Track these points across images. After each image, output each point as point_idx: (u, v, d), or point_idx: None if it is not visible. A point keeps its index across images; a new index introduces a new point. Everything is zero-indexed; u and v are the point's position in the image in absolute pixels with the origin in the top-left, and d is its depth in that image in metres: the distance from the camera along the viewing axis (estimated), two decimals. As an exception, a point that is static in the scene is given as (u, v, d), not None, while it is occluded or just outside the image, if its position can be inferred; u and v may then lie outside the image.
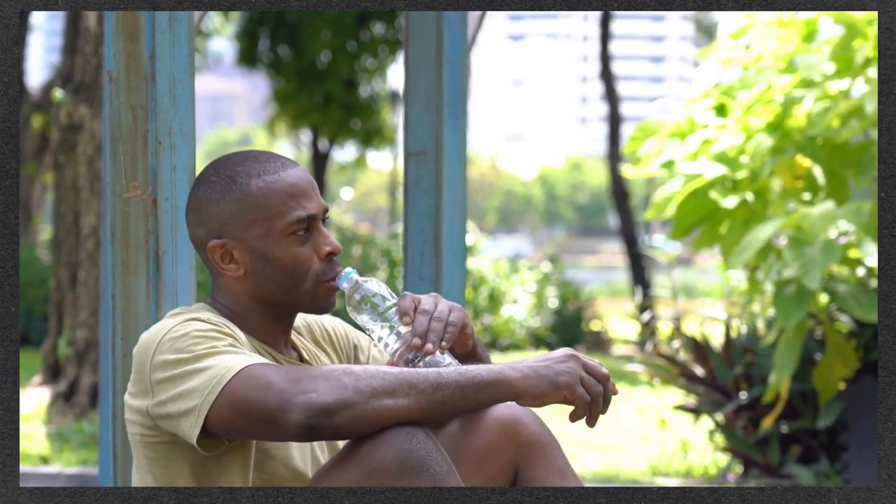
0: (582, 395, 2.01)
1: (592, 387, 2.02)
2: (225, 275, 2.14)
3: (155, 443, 2.06)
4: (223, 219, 2.11)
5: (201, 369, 1.97)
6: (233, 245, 2.11)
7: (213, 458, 2.06)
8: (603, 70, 14.34)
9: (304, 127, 17.72)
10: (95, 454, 5.92)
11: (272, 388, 1.93)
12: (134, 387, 2.06)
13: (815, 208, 4.56)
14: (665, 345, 6.33)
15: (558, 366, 2.01)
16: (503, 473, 2.22)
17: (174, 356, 1.99)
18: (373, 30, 16.46)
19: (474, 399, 1.97)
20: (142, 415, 2.04)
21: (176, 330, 2.02)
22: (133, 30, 2.45)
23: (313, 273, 2.13)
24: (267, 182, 2.11)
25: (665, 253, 7.70)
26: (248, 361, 1.97)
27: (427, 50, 3.40)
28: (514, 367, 2.00)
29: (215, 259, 2.13)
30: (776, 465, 5.30)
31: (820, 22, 4.98)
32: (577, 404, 2.01)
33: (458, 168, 3.46)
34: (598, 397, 2.03)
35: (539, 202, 62.03)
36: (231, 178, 2.11)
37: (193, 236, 2.17)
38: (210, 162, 2.18)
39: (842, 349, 4.98)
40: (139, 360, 2.04)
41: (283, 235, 2.10)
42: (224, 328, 2.06)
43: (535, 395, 1.99)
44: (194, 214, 2.15)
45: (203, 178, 2.15)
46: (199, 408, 1.96)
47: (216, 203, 2.12)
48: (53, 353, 7.57)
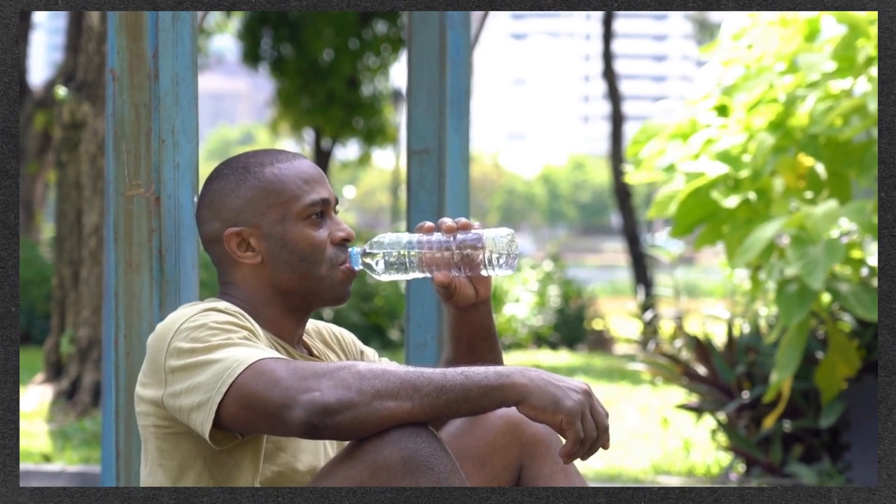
0: (578, 430, 1.94)
1: (590, 429, 1.96)
2: (241, 264, 2.16)
3: (170, 433, 2.06)
4: (239, 207, 2.15)
5: (213, 361, 1.98)
6: (249, 233, 2.15)
7: (225, 452, 2.07)
8: (605, 69, 14.34)
9: (306, 126, 17.72)
10: (98, 452, 5.92)
11: (279, 384, 1.93)
12: (146, 377, 2.06)
13: (818, 207, 4.56)
14: (667, 344, 6.34)
15: (570, 392, 1.95)
16: (507, 472, 2.22)
17: (190, 345, 2.01)
18: (375, 28, 16.47)
19: (479, 403, 1.95)
20: (156, 405, 2.05)
21: (194, 319, 2.04)
22: (136, 28, 2.45)
23: (328, 257, 2.16)
24: (280, 169, 2.16)
25: (667, 252, 7.70)
26: (260, 355, 1.98)
27: (430, 48, 3.40)
28: (524, 374, 1.96)
29: (231, 248, 2.15)
30: (778, 465, 5.30)
31: (822, 21, 4.97)
32: (568, 437, 1.95)
33: (461, 167, 3.46)
34: (590, 441, 1.96)
35: (541, 201, 62.03)
36: (245, 167, 2.17)
37: (206, 232, 2.19)
38: (219, 163, 2.22)
39: (844, 348, 4.98)
40: (154, 347, 2.05)
41: (299, 219, 2.15)
42: (242, 320, 2.07)
43: (536, 406, 1.94)
44: (207, 209, 2.17)
45: (215, 174, 2.19)
46: (211, 401, 1.96)
47: (231, 193, 2.16)
48: (56, 352, 7.57)
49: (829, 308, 5.22)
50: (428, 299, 3.33)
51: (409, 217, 3.41)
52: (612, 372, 10.21)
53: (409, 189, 3.42)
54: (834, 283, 4.84)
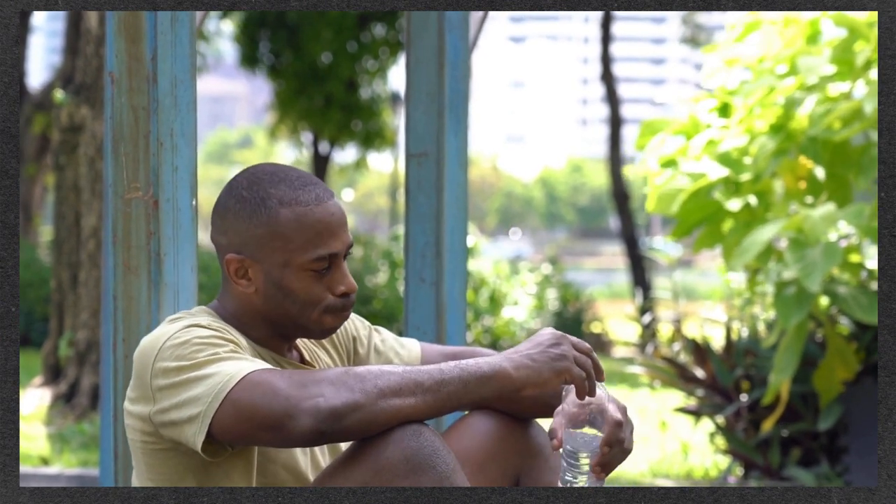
0: (578, 374, 2.03)
1: (584, 362, 2.05)
2: (236, 287, 2.14)
3: (156, 450, 2.05)
4: (245, 238, 2.10)
5: (204, 377, 1.96)
6: (249, 264, 2.11)
7: (215, 464, 2.05)
8: (604, 72, 14.35)
9: (305, 128, 17.72)
10: (96, 455, 5.92)
11: (278, 394, 1.92)
12: (133, 392, 2.05)
13: (817, 210, 4.56)
14: (666, 347, 6.33)
15: (552, 350, 2.03)
16: (504, 480, 2.22)
17: (176, 363, 1.98)
18: (374, 31, 16.46)
19: (478, 393, 1.98)
20: (143, 421, 2.03)
21: (176, 337, 2.01)
22: (135, 31, 2.45)
23: (323, 306, 2.12)
24: (297, 214, 2.08)
25: (666, 255, 7.70)
26: (251, 367, 1.97)
27: (429, 52, 3.40)
28: (510, 359, 2.01)
29: (230, 271, 2.12)
30: (777, 468, 5.30)
31: (822, 24, 4.98)
32: (576, 383, 2.03)
33: (460, 170, 3.46)
34: (590, 371, 2.05)
35: (540, 204, 62.03)
36: (263, 199, 2.09)
37: (214, 238, 2.17)
38: (248, 169, 2.16)
39: (842, 351, 4.98)
40: (139, 365, 2.03)
41: (301, 269, 2.09)
42: (225, 333, 2.05)
43: (537, 383, 2.00)
44: (220, 220, 2.14)
45: (235, 188, 2.13)
46: (203, 415, 1.95)
47: (242, 220, 2.10)
48: (54, 354, 7.57)
49: (828, 311, 5.22)
50: (426, 303, 3.33)
51: (408, 220, 3.41)
52: (611, 375, 10.20)
53: (407, 192, 3.42)
54: (832, 286, 4.84)
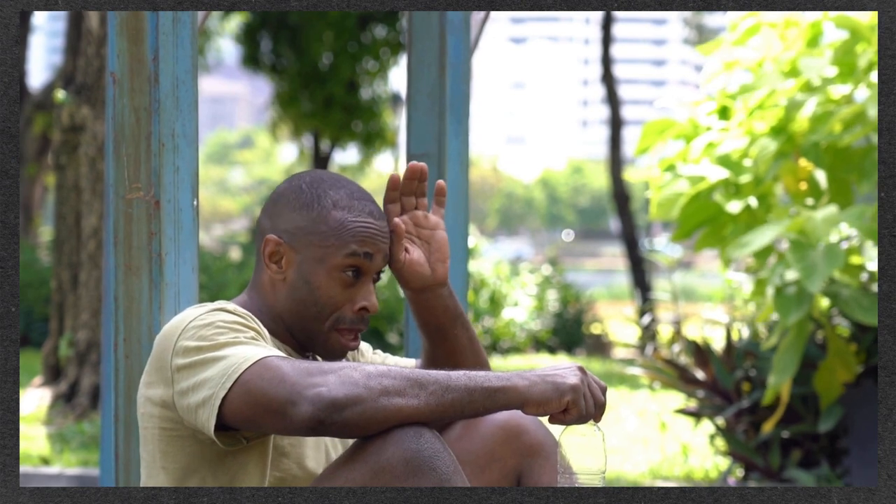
0: (581, 407, 2.00)
1: (590, 403, 2.01)
2: (266, 272, 2.18)
3: (174, 436, 2.07)
4: (290, 225, 2.17)
5: (220, 358, 1.99)
6: (286, 250, 2.17)
7: (230, 455, 2.07)
8: (604, 73, 14.35)
9: (305, 129, 17.72)
10: (96, 455, 5.92)
11: (284, 380, 1.94)
12: (151, 376, 2.07)
13: (818, 212, 4.56)
14: (666, 348, 6.33)
15: (567, 375, 2.01)
16: (506, 480, 2.23)
17: (196, 343, 2.02)
18: (374, 32, 16.47)
19: (482, 405, 1.97)
20: (163, 405, 2.05)
21: (202, 318, 2.05)
22: (136, 31, 2.45)
23: (336, 316, 2.17)
24: (346, 219, 2.16)
25: (666, 256, 7.70)
26: (265, 353, 1.99)
27: (430, 53, 3.40)
28: (522, 376, 2.00)
29: (265, 252, 2.18)
30: (777, 469, 5.30)
31: (824, 25, 4.97)
32: (571, 412, 2.01)
33: (460, 171, 3.46)
34: (601, 408, 2.04)
35: (540, 205, 62.05)
36: (318, 197, 2.17)
37: (260, 221, 2.22)
38: (313, 170, 2.24)
39: (843, 353, 4.98)
40: (161, 346, 2.06)
41: (333, 269, 2.15)
42: (250, 322, 2.08)
43: (540, 401, 1.99)
44: (272, 204, 2.20)
45: (297, 180, 2.21)
46: (215, 397, 1.97)
47: (293, 209, 2.17)
48: (54, 354, 7.57)
49: (828, 312, 5.22)
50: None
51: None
52: (611, 376, 10.21)
53: (408, 193, 3.41)
54: (833, 288, 4.84)
